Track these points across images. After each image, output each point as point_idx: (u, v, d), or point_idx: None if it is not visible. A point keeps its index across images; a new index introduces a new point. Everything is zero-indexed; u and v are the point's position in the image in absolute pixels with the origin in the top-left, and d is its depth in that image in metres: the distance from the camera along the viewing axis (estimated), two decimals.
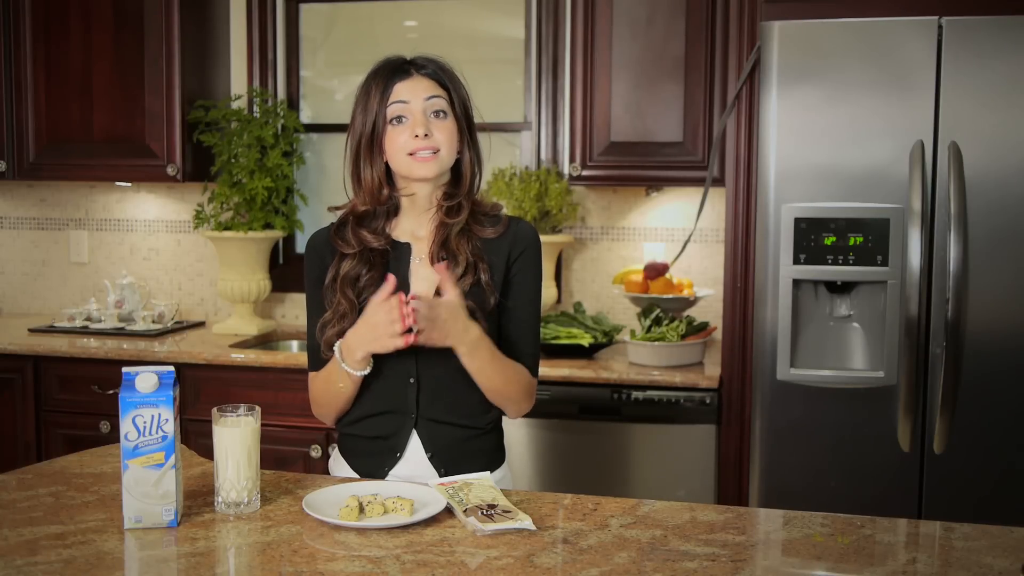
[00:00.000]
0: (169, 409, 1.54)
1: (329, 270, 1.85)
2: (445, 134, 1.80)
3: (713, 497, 2.93)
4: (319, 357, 1.87)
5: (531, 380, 1.88)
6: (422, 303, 1.66)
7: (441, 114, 1.81)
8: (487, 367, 1.78)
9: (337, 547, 1.48)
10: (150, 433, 1.53)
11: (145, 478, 1.54)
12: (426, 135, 1.77)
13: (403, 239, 1.87)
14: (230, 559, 1.48)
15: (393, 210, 1.88)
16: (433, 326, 1.67)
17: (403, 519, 1.55)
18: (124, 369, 1.57)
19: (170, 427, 1.54)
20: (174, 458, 1.55)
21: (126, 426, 1.53)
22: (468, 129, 1.87)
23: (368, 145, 1.81)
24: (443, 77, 1.83)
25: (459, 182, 1.87)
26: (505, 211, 1.91)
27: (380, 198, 1.83)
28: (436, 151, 1.79)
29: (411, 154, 1.78)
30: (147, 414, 1.53)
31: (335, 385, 1.81)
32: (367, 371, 1.77)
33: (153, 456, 1.54)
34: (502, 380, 1.81)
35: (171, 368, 1.58)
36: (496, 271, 1.83)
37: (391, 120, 1.80)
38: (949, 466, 2.55)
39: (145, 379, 1.54)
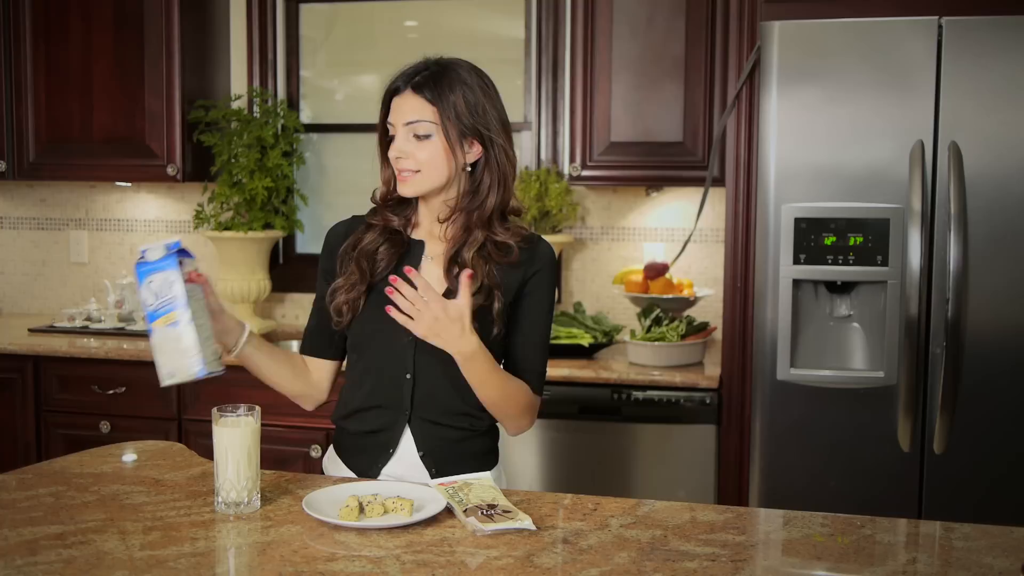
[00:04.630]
0: (175, 271, 1.63)
1: (351, 237, 1.89)
2: (425, 154, 1.78)
3: (713, 497, 2.93)
4: (310, 340, 1.95)
5: (533, 398, 1.87)
6: (405, 286, 1.66)
7: (424, 136, 1.79)
8: (485, 380, 1.77)
9: (337, 547, 1.48)
10: (162, 296, 1.63)
11: (168, 336, 1.63)
12: (398, 158, 1.80)
13: (419, 236, 1.90)
14: (230, 559, 1.49)
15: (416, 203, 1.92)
16: (420, 317, 1.66)
17: (403, 519, 1.55)
18: (140, 247, 1.68)
19: (180, 287, 1.63)
20: (188, 315, 1.63)
21: (143, 293, 1.65)
22: (483, 144, 1.81)
23: (380, 146, 1.88)
24: (435, 94, 1.78)
25: (472, 194, 1.84)
26: (526, 233, 1.87)
27: (396, 197, 1.89)
28: (416, 171, 1.79)
29: (399, 170, 1.82)
30: (157, 279, 1.64)
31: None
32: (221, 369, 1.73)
33: (169, 316, 1.63)
34: (500, 395, 1.81)
35: (177, 240, 1.68)
36: (509, 292, 1.83)
37: (389, 136, 1.84)
38: (949, 466, 2.55)
39: (154, 251, 1.65)
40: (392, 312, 1.67)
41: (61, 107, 3.61)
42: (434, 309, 1.67)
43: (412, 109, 1.79)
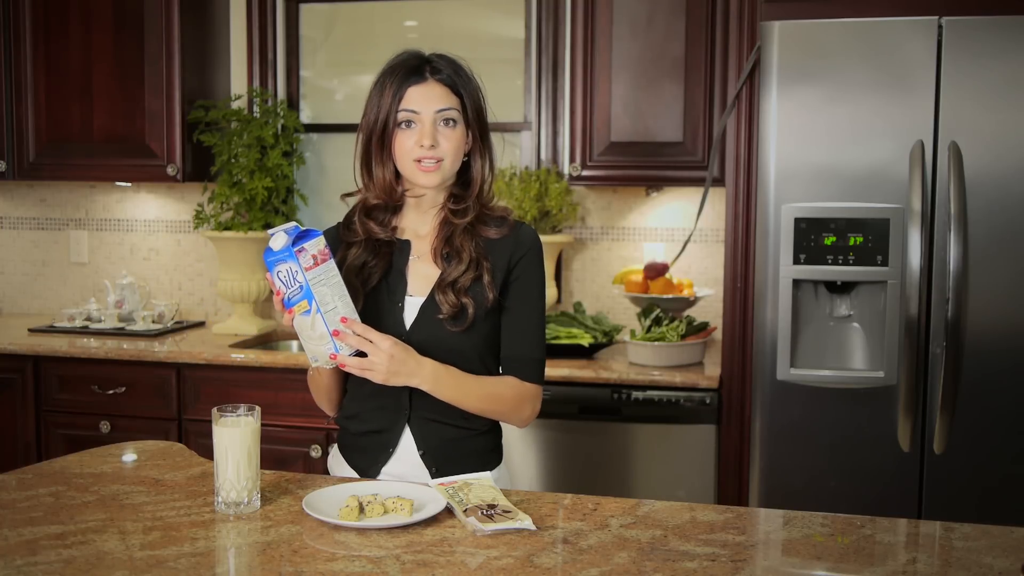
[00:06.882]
0: (294, 263, 1.63)
1: (335, 257, 1.88)
2: (452, 143, 1.80)
3: (713, 497, 2.93)
4: None
5: (525, 388, 1.86)
6: (352, 328, 1.68)
7: (451, 123, 1.80)
8: (458, 395, 1.79)
9: (337, 547, 1.48)
10: (290, 286, 1.66)
11: (303, 324, 1.67)
12: (432, 146, 1.78)
13: (405, 236, 1.90)
14: (230, 559, 1.49)
15: (399, 205, 1.90)
16: (376, 363, 1.69)
17: (403, 519, 1.55)
18: (269, 231, 1.68)
19: (302, 277, 1.64)
20: (315, 304, 1.65)
21: (275, 281, 1.67)
22: (481, 135, 1.86)
23: (379, 141, 1.82)
24: (458, 84, 1.82)
25: (468, 185, 1.87)
26: (513, 216, 1.91)
27: (392, 195, 1.86)
28: (440, 160, 1.80)
29: (416, 160, 1.80)
30: (283, 269, 1.65)
31: (313, 372, 1.90)
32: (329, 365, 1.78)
33: (300, 305, 1.66)
34: (482, 400, 1.82)
35: (294, 224, 1.66)
36: (497, 272, 1.84)
37: (401, 123, 1.80)
38: (949, 466, 2.55)
39: (277, 239, 1.65)
40: (347, 366, 1.70)
41: (61, 107, 3.61)
42: (385, 347, 1.69)
43: (440, 97, 1.80)
